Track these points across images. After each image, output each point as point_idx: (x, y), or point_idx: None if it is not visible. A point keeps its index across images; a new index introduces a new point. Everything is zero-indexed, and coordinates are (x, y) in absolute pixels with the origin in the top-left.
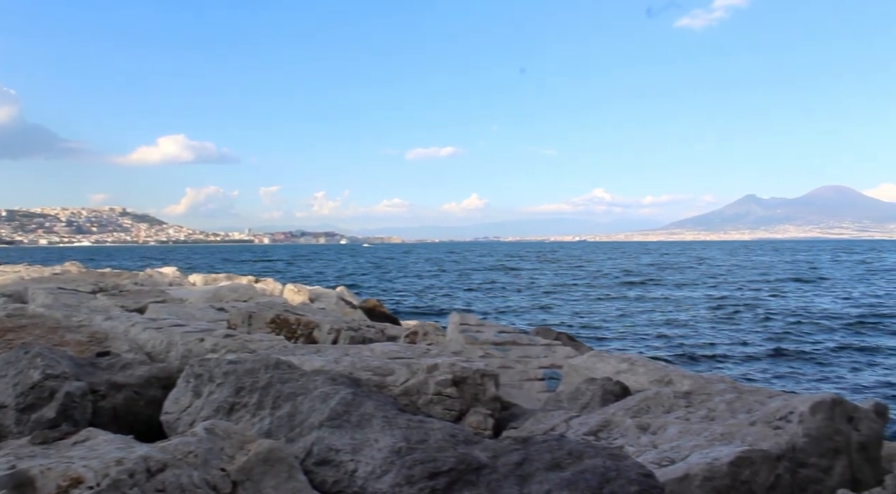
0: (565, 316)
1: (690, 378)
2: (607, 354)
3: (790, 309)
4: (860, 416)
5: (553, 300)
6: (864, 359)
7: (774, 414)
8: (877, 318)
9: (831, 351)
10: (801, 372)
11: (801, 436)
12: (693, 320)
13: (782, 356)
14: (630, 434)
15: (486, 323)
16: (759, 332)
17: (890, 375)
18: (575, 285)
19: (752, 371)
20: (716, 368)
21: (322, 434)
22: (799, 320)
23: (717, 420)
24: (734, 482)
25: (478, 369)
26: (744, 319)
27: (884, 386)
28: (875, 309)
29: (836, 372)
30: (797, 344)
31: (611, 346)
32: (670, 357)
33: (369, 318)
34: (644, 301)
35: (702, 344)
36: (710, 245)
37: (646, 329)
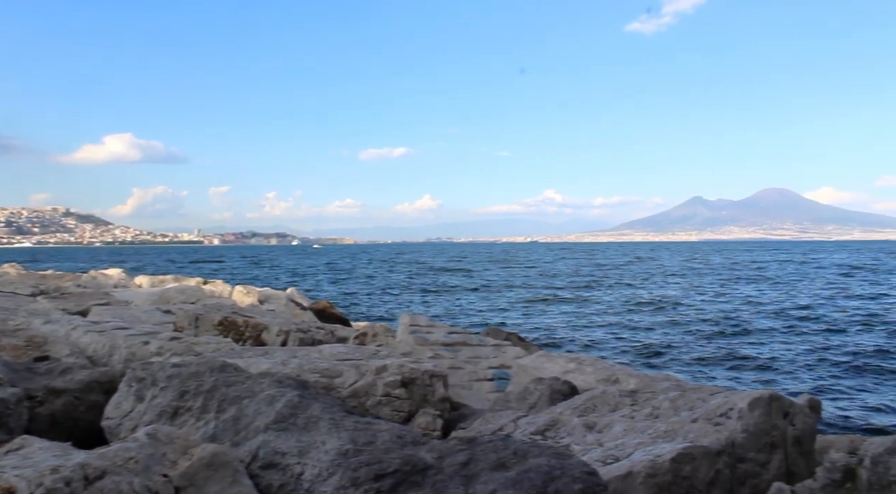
0: (515, 317)
1: (636, 377)
2: (556, 354)
3: (735, 308)
4: (795, 411)
5: (503, 301)
6: (801, 355)
7: (715, 411)
8: (815, 316)
9: (771, 347)
10: (743, 369)
11: (740, 432)
12: (641, 320)
13: (726, 354)
14: (576, 433)
15: (437, 324)
16: (703, 331)
17: (823, 370)
18: (525, 286)
19: (696, 369)
20: (662, 367)
21: (268, 437)
22: (742, 318)
23: (661, 418)
24: (676, 478)
25: (426, 370)
26: (690, 319)
27: (816, 380)
28: (813, 308)
29: (776, 368)
30: (740, 341)
31: (560, 346)
32: (618, 356)
33: (319, 320)
34: (593, 301)
35: (649, 343)
36: (658, 246)
37: (595, 329)
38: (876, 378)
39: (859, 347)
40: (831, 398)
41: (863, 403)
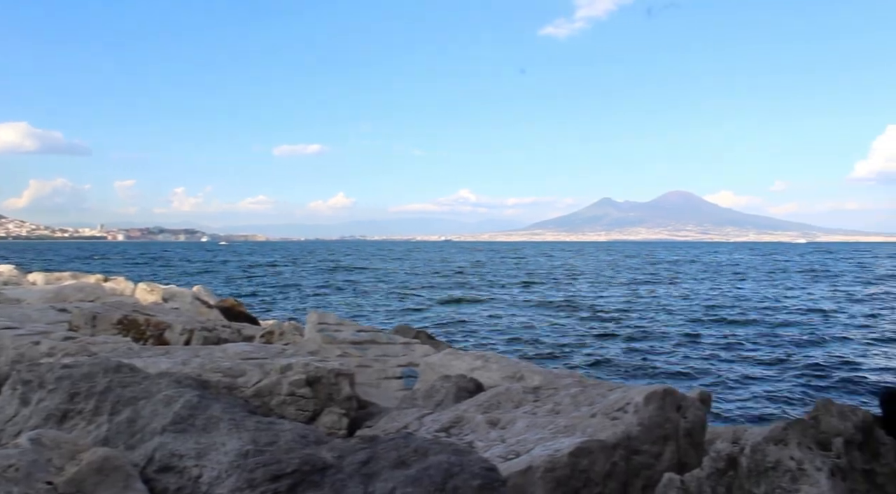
0: (426, 315)
1: (541, 373)
2: (463, 352)
3: (640, 306)
4: (687, 405)
5: (414, 299)
6: (696, 350)
7: (613, 406)
8: (713, 313)
9: (672, 343)
10: (645, 365)
11: (635, 425)
12: (549, 317)
13: (628, 349)
14: (480, 430)
15: (346, 321)
16: (608, 328)
17: (716, 363)
18: (437, 284)
19: (601, 365)
20: (569, 364)
21: (165, 439)
22: (646, 316)
23: (562, 414)
24: (573, 471)
25: (332, 368)
26: (595, 316)
27: (705, 374)
28: (711, 305)
29: (675, 363)
30: (644, 336)
31: (469, 344)
32: (526, 353)
33: (226, 318)
34: (504, 300)
35: (555, 340)
36: (569, 245)
37: (505, 327)
38: (764, 370)
39: (750, 341)
40: (724, 390)
41: (751, 394)
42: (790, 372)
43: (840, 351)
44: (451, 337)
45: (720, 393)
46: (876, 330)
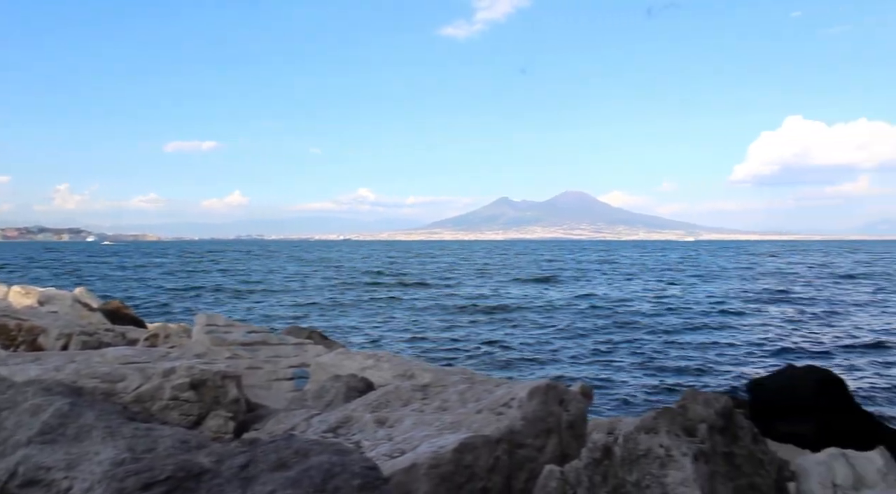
0: (320, 315)
1: (431, 371)
2: (354, 351)
3: (532, 304)
4: (570, 398)
5: (309, 299)
6: (584, 345)
7: (498, 402)
8: (601, 309)
9: (562, 338)
10: (536, 360)
11: (519, 420)
12: (442, 315)
13: (523, 345)
14: (368, 429)
15: (236, 323)
16: (498, 324)
17: (602, 357)
18: (334, 284)
19: (494, 361)
20: (460, 360)
21: (30, 451)
22: (540, 314)
23: (449, 410)
24: (457, 467)
25: (219, 371)
26: (489, 314)
27: (591, 368)
28: (600, 304)
29: (561, 356)
30: (538, 332)
31: (364, 343)
32: (423, 351)
33: (110, 321)
34: (401, 299)
35: (451, 337)
36: (467, 244)
37: (398, 325)
38: (647, 362)
39: (636, 335)
40: (607, 383)
41: (633, 386)
42: (671, 363)
43: (719, 342)
44: (348, 337)
45: (604, 386)
46: (753, 323)
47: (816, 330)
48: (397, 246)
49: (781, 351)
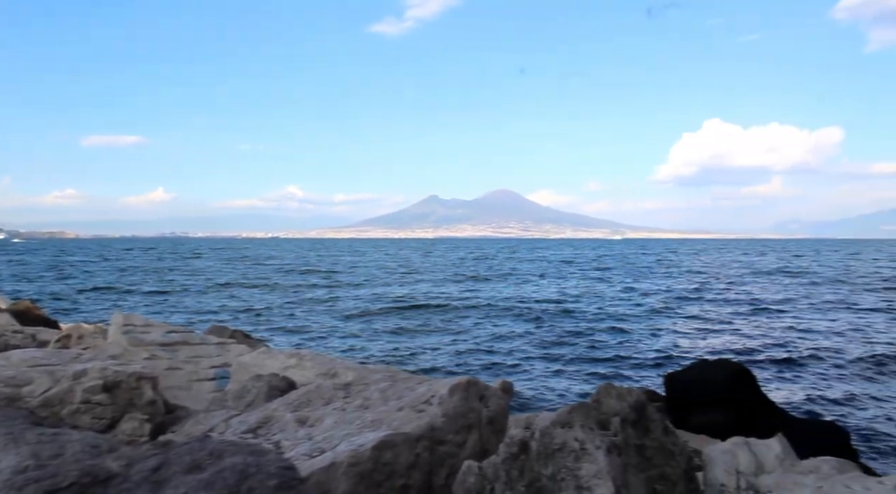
0: (245, 314)
1: (355, 369)
2: (277, 350)
3: (459, 302)
4: (490, 394)
5: (234, 298)
6: (506, 342)
7: (419, 399)
8: (528, 307)
9: (486, 335)
10: (456, 357)
11: (440, 417)
12: (369, 314)
13: (452, 341)
14: (289, 429)
15: (154, 323)
16: (425, 322)
17: (525, 354)
18: (262, 283)
19: (416, 358)
20: (385, 359)
21: None
22: (462, 310)
23: (371, 408)
24: (377, 465)
25: (133, 372)
26: (415, 312)
27: (515, 361)
28: (525, 300)
29: (485, 353)
30: (459, 330)
31: (289, 342)
32: (345, 350)
33: (20, 323)
34: (325, 298)
35: (375, 336)
36: (398, 242)
37: (325, 324)
38: (572, 357)
39: (560, 333)
40: (529, 379)
41: (557, 382)
42: (594, 358)
43: (642, 338)
44: (273, 337)
45: (526, 382)
46: (676, 319)
47: (736, 325)
48: (327, 244)
49: (702, 345)
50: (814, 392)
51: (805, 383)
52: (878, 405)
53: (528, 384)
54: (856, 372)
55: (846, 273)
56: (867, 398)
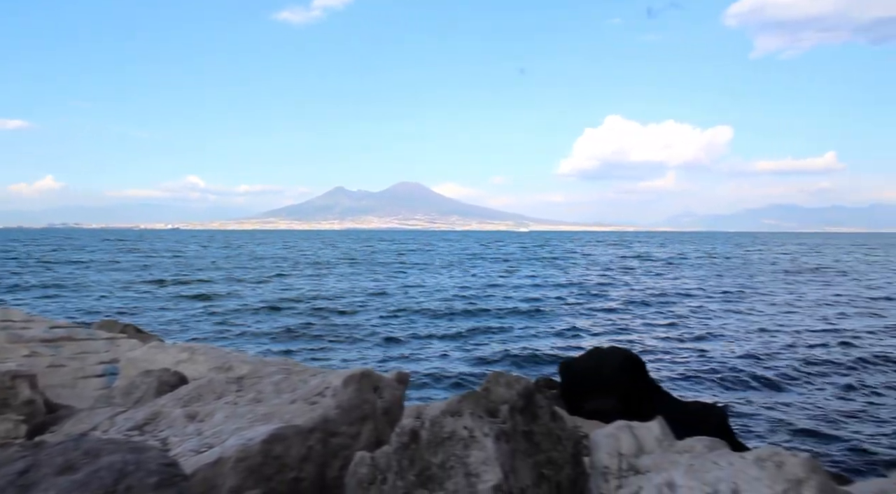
0: (139, 308)
1: (251, 363)
2: (169, 344)
3: (364, 293)
4: (385, 385)
5: (128, 291)
6: (407, 333)
7: (313, 391)
8: (432, 297)
9: (383, 326)
10: (356, 349)
11: (333, 408)
12: (271, 307)
13: (345, 335)
14: (177, 425)
15: (36, 318)
16: (327, 314)
17: (424, 343)
18: (156, 276)
19: (315, 351)
20: (285, 351)
21: None
22: (365, 302)
23: (264, 402)
24: (266, 458)
25: (8, 370)
26: (320, 304)
27: (415, 352)
28: (430, 291)
29: (384, 344)
30: (358, 322)
31: (185, 336)
32: (244, 344)
33: None
34: (225, 292)
35: (275, 329)
36: (304, 234)
37: (223, 317)
38: (472, 347)
39: (458, 322)
40: (430, 369)
41: (455, 371)
42: (494, 348)
43: (542, 326)
44: (169, 331)
45: (425, 372)
46: (574, 307)
47: (633, 313)
48: (229, 235)
49: (599, 333)
50: (700, 375)
51: (692, 367)
52: (756, 386)
53: (429, 373)
54: (741, 355)
55: (744, 263)
56: (749, 379)
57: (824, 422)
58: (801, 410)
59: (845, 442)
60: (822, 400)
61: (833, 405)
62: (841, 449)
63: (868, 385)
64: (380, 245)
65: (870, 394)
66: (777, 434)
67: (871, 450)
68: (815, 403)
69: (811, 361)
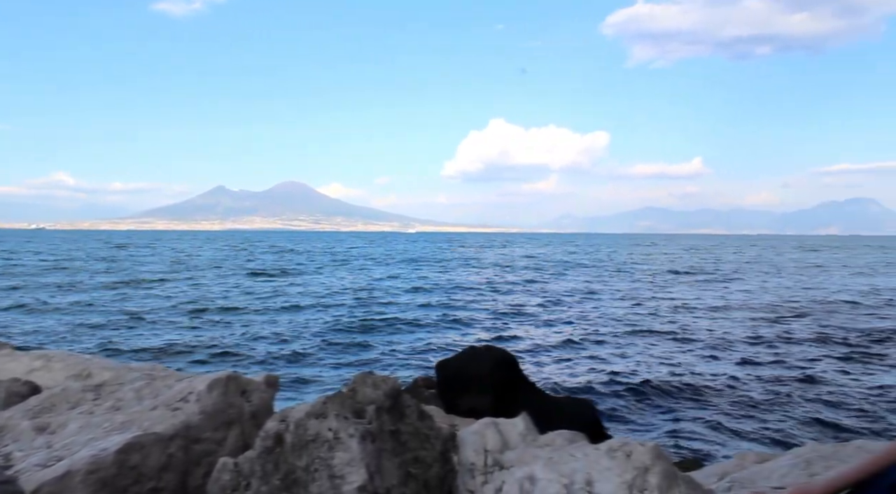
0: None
1: (113, 369)
2: (22, 352)
3: (246, 297)
4: (252, 388)
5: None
6: (293, 338)
7: (175, 397)
8: (315, 301)
9: (266, 331)
10: (236, 354)
11: (196, 414)
12: (140, 311)
13: (222, 338)
14: (24, 438)
15: None
16: (206, 318)
17: (308, 347)
18: (12, 279)
19: (189, 358)
20: (154, 357)
21: None
22: (246, 306)
23: (123, 410)
24: (121, 469)
25: None
26: (193, 308)
27: (293, 356)
28: (311, 294)
29: (265, 349)
30: (238, 325)
31: (46, 343)
32: (110, 350)
33: None
34: (94, 299)
35: (141, 333)
36: (181, 234)
37: (89, 322)
38: (355, 350)
39: (342, 324)
40: (309, 372)
41: (334, 375)
42: (377, 351)
43: (424, 325)
44: (28, 339)
45: (301, 376)
46: (456, 307)
47: (512, 312)
48: (102, 236)
49: (478, 332)
50: (572, 371)
51: (565, 364)
52: (627, 380)
53: (309, 376)
54: (612, 352)
55: (623, 264)
56: (620, 375)
57: (693, 410)
58: (673, 400)
59: (707, 427)
60: (694, 391)
61: (706, 394)
62: (700, 435)
63: (738, 378)
64: (258, 246)
65: (742, 385)
66: (645, 425)
67: (730, 435)
68: (689, 394)
69: (687, 357)
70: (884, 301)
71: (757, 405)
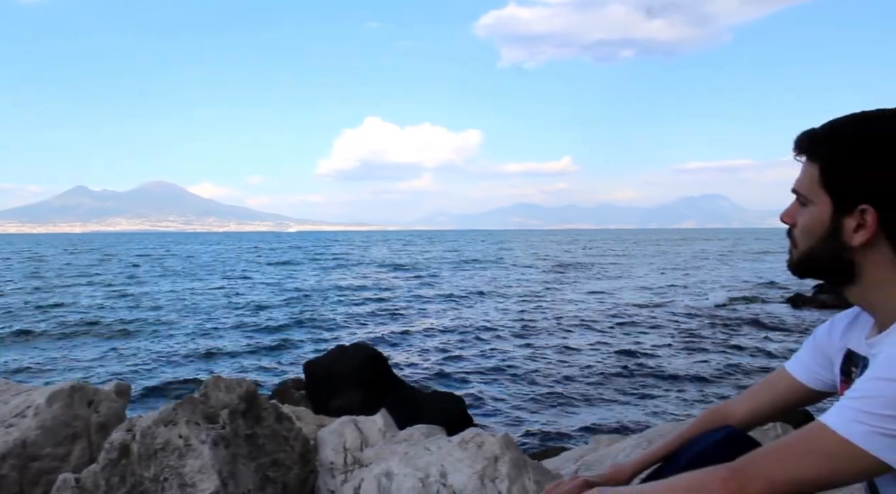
0: None
1: None
2: None
3: (105, 302)
4: (101, 398)
5: None
6: (155, 342)
7: (12, 412)
8: (181, 306)
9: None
10: (97, 363)
11: (34, 429)
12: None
13: (81, 349)
14: None
15: None
16: (71, 329)
17: (164, 353)
18: None
19: (52, 371)
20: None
21: None
22: (107, 312)
23: None
24: None
25: None
26: (56, 314)
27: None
28: (176, 298)
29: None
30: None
31: None
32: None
33: None
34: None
35: (28, 344)
36: (40, 238)
37: None
38: (232, 354)
39: (227, 327)
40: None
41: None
42: (251, 354)
43: (295, 326)
44: None
45: (157, 384)
46: (327, 306)
47: (384, 310)
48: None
49: (347, 332)
50: (444, 366)
51: (437, 359)
52: (499, 373)
53: (167, 383)
54: (475, 345)
55: (498, 258)
56: (492, 369)
57: (562, 400)
58: (545, 391)
59: (573, 415)
60: (554, 382)
61: (573, 384)
62: (567, 424)
63: (595, 369)
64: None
65: (602, 377)
66: (516, 418)
67: (596, 420)
68: (557, 386)
69: (561, 349)
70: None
71: (625, 392)
